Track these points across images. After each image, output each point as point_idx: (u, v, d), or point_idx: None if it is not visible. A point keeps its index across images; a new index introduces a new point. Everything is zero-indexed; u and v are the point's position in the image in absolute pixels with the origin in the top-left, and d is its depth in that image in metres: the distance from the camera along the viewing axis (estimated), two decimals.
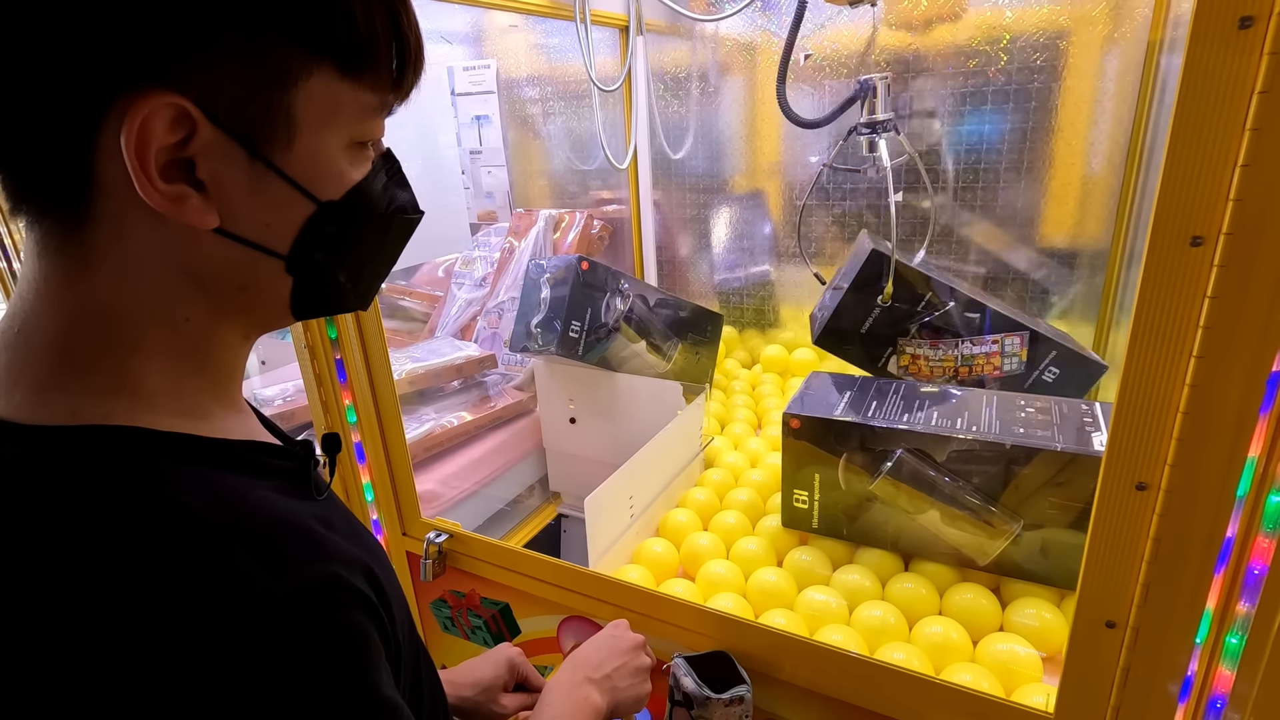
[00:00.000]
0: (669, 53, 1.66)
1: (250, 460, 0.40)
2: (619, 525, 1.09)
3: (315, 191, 0.39)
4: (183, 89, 0.33)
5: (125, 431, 0.36)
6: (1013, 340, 1.12)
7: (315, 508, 0.42)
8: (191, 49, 0.33)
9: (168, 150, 0.34)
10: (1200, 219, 0.47)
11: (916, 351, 1.17)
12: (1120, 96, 1.25)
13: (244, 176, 0.36)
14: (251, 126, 0.36)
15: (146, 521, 0.33)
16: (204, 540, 0.33)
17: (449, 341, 1.62)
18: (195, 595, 0.32)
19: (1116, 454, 0.55)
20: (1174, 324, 0.50)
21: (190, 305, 0.39)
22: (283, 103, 0.36)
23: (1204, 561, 0.54)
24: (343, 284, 0.44)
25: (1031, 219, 1.39)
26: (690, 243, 1.83)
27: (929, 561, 1.00)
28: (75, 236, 0.36)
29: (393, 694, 0.38)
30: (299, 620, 0.34)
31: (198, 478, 0.36)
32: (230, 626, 0.32)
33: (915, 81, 1.40)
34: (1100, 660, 0.61)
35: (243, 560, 0.34)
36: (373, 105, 0.40)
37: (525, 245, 1.73)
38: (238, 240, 0.38)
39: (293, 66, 0.36)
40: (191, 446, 0.38)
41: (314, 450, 0.46)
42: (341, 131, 0.39)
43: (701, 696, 0.76)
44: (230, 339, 0.42)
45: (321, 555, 0.37)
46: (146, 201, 0.34)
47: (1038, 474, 0.89)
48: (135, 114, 0.32)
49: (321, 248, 0.41)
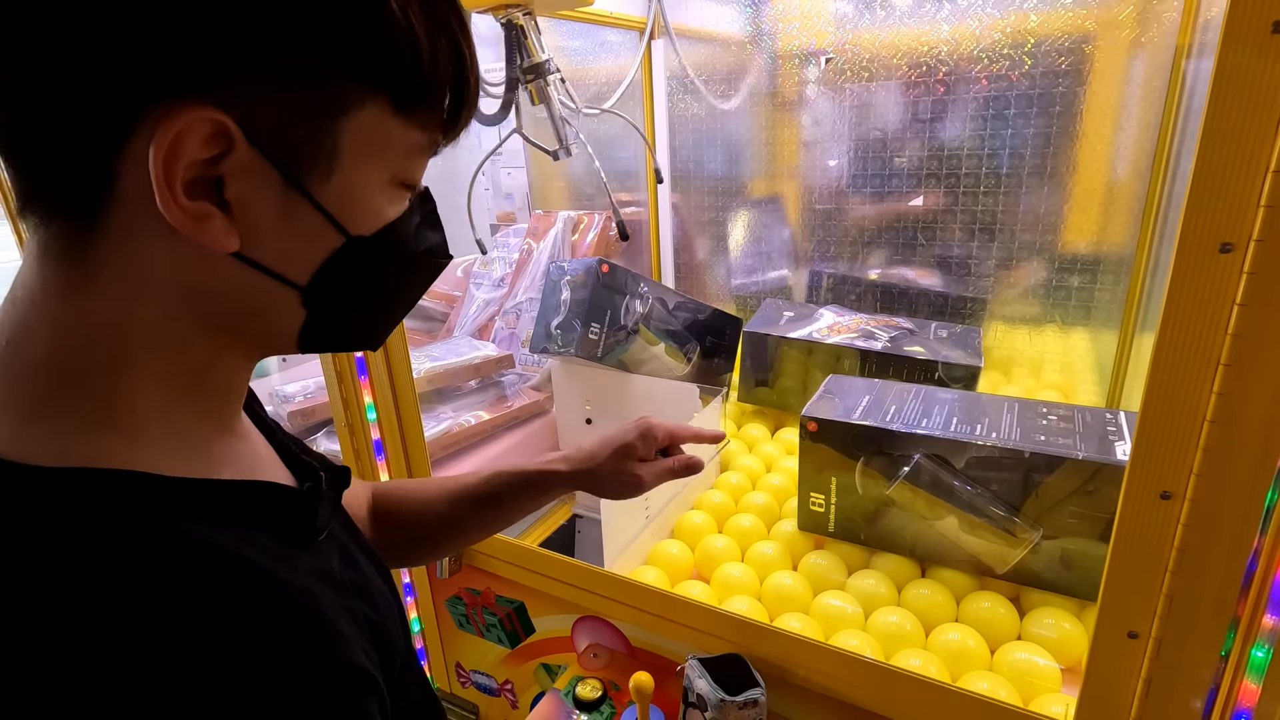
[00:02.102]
0: (688, 56, 1.67)
1: (249, 505, 0.37)
2: (635, 526, 1.09)
3: (347, 226, 0.37)
4: (226, 105, 0.31)
5: (117, 477, 0.32)
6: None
7: (315, 558, 0.40)
8: (244, 66, 0.31)
9: (198, 166, 0.32)
10: (1230, 225, 0.46)
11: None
12: (1146, 101, 1.24)
13: (274, 202, 0.34)
14: (292, 152, 0.34)
15: (144, 590, 0.30)
16: (204, 610, 0.31)
17: (467, 341, 1.63)
18: (194, 663, 0.29)
19: (1141, 462, 0.54)
20: (1202, 331, 0.49)
21: (192, 328, 0.36)
22: (330, 131, 0.34)
23: (1229, 572, 0.53)
24: (356, 323, 0.42)
25: (1054, 225, 1.37)
26: (707, 246, 1.83)
27: (946, 568, 1.00)
28: (81, 244, 0.33)
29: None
30: (299, 700, 0.32)
31: (194, 534, 0.33)
32: (231, 702, 0.30)
33: (939, 85, 1.39)
34: (1122, 671, 0.60)
35: (244, 634, 0.31)
36: (421, 144, 0.39)
37: (544, 246, 1.74)
38: (255, 267, 0.35)
39: (347, 97, 0.34)
40: (187, 494, 0.34)
41: (320, 491, 0.44)
42: (385, 168, 0.38)
43: (715, 699, 0.76)
44: (231, 363, 0.40)
45: (322, 635, 0.34)
46: (165, 217, 0.32)
47: (1059, 483, 0.88)
48: (171, 124, 0.30)
49: (343, 283, 0.39)
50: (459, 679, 1.25)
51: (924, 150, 1.45)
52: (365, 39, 0.33)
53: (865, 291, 1.63)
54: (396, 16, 0.34)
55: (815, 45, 1.49)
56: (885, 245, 1.57)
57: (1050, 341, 1.46)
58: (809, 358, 1.41)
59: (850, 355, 1.36)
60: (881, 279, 1.60)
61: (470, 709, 1.27)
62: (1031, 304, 1.44)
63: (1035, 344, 1.47)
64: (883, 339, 1.37)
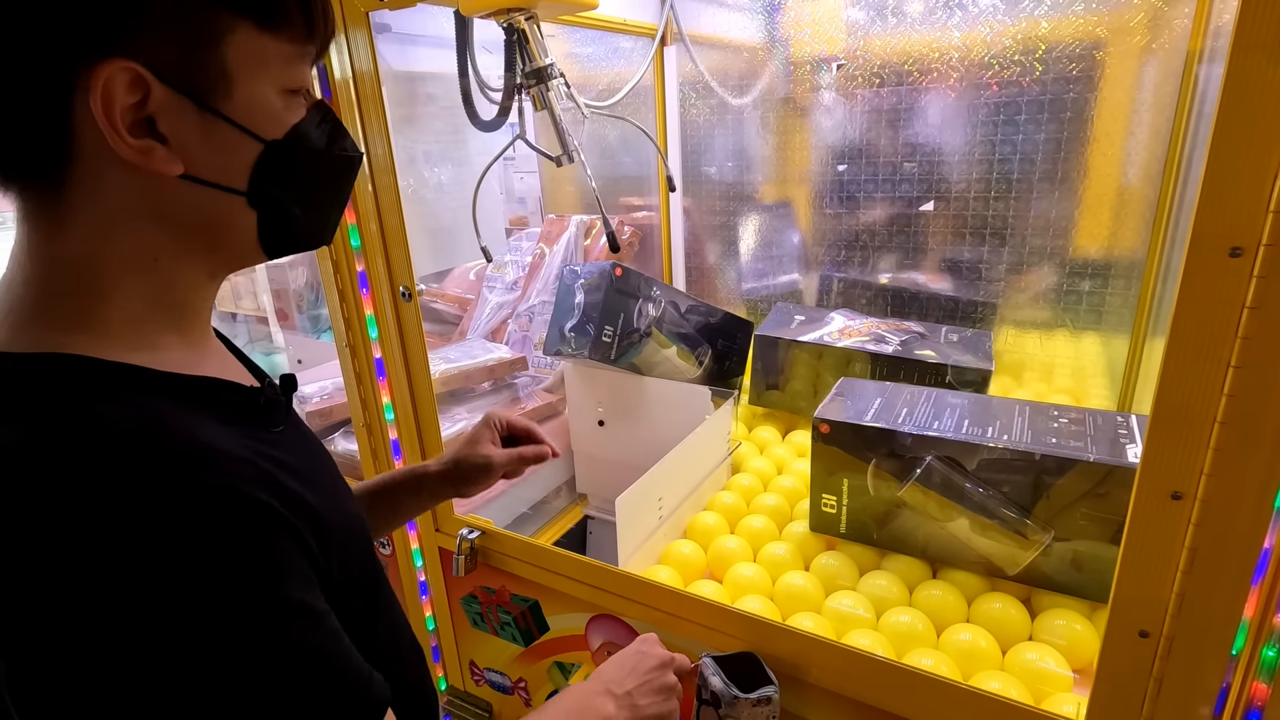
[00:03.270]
0: (700, 62, 1.68)
1: (191, 392, 0.45)
2: (648, 526, 1.10)
3: (260, 132, 0.45)
4: (133, 55, 0.39)
5: (73, 360, 0.41)
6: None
7: (256, 441, 0.46)
8: (131, 18, 0.40)
9: (130, 111, 0.40)
10: (1240, 230, 0.47)
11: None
12: (1158, 107, 1.24)
13: (196, 126, 0.43)
14: (194, 81, 0.42)
15: (70, 431, 0.38)
16: (118, 450, 0.38)
17: (480, 343, 1.65)
18: (101, 498, 0.37)
19: (1152, 462, 0.55)
20: (1213, 334, 0.50)
21: (159, 247, 0.45)
22: (215, 58, 0.42)
23: (1240, 572, 0.54)
24: (299, 216, 0.50)
25: (1065, 230, 1.38)
26: (718, 250, 1.84)
27: (957, 570, 1.00)
28: (52, 202, 0.42)
29: (302, 598, 0.42)
30: (198, 522, 0.38)
31: (130, 400, 0.41)
32: (130, 529, 0.37)
33: (950, 91, 1.40)
34: (1133, 670, 0.61)
35: (149, 469, 0.38)
36: (294, 54, 0.47)
37: (557, 250, 1.76)
38: (202, 183, 0.44)
39: (218, 26, 0.42)
40: (132, 375, 0.43)
41: (270, 388, 0.52)
42: (272, 79, 0.46)
43: (729, 696, 0.77)
44: (195, 278, 0.48)
45: (225, 471, 0.41)
46: (120, 155, 0.40)
47: (1071, 485, 0.88)
48: (97, 80, 0.39)
49: (275, 182, 0.47)
50: (473, 677, 1.27)
51: (935, 155, 1.46)
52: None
53: (876, 295, 1.64)
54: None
55: (827, 51, 1.50)
56: (896, 249, 1.58)
57: (1061, 346, 1.46)
58: (820, 361, 1.42)
59: (861, 359, 1.37)
60: (892, 283, 1.61)
61: (484, 707, 1.28)
62: (1042, 308, 1.45)
63: (1046, 348, 1.48)
64: (893, 343, 1.37)
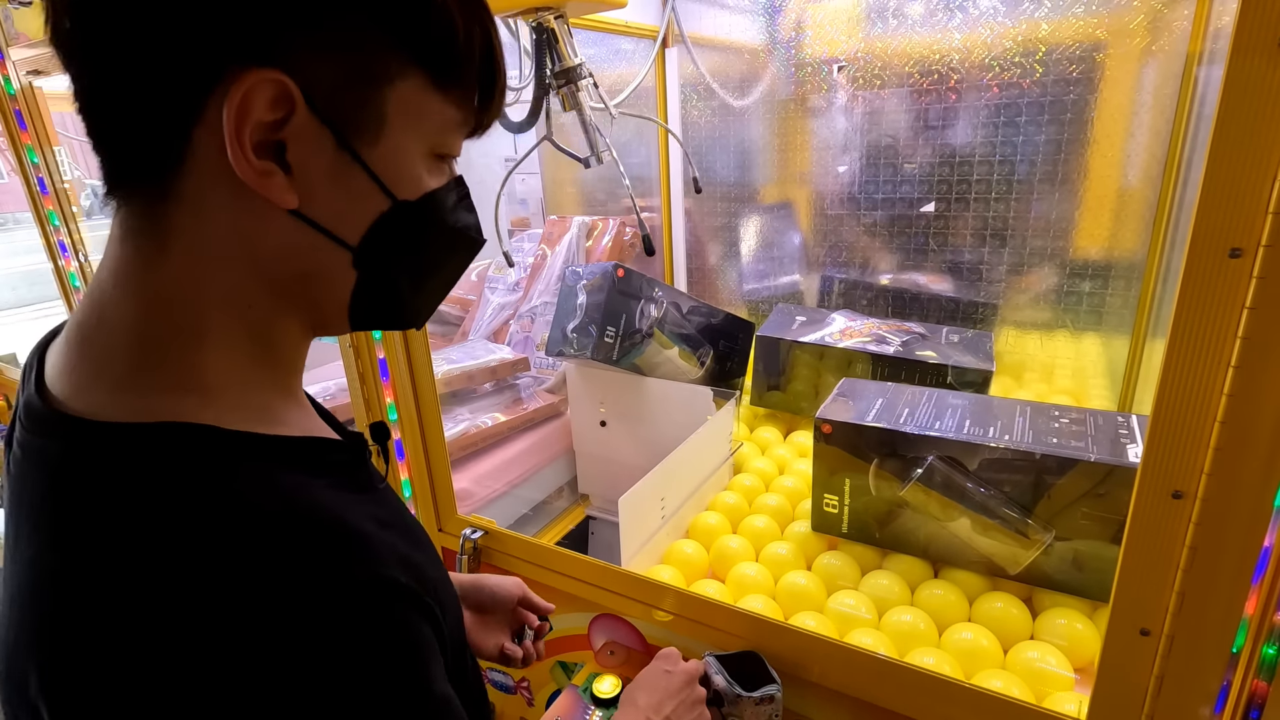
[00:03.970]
0: (701, 63, 1.69)
1: (309, 456, 0.42)
2: (651, 525, 1.10)
3: (393, 189, 0.41)
4: (289, 70, 0.35)
5: (194, 429, 0.37)
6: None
7: (371, 505, 0.43)
8: (301, 32, 0.36)
9: (264, 128, 0.36)
10: (1240, 231, 0.48)
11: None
12: (1158, 109, 1.25)
13: (328, 163, 0.38)
14: (344, 117, 0.38)
15: (214, 514, 0.35)
16: (268, 534, 0.35)
17: (483, 344, 1.65)
18: (258, 586, 0.34)
19: (1153, 461, 0.55)
20: (1212, 334, 0.50)
21: (254, 292, 0.40)
22: (375, 99, 0.38)
23: (1240, 570, 0.54)
24: (404, 291, 0.45)
25: (1066, 231, 1.38)
26: (719, 251, 1.84)
27: (959, 569, 1.01)
28: (157, 216, 0.38)
29: (444, 689, 0.40)
30: (355, 616, 0.36)
31: (261, 474, 0.38)
32: (290, 618, 0.34)
33: (951, 93, 1.40)
34: (1134, 668, 0.61)
35: (304, 555, 0.35)
36: (456, 121, 0.43)
37: (559, 251, 1.76)
38: (311, 225, 0.39)
39: (390, 66, 0.38)
40: (255, 444, 0.39)
41: (367, 444, 0.48)
42: (424, 139, 0.41)
43: (732, 694, 0.77)
44: (290, 331, 0.43)
45: (377, 557, 0.38)
46: (235, 172, 0.36)
47: (1071, 485, 0.89)
48: (242, 84, 0.35)
49: (391, 246, 0.42)
50: None
51: (935, 156, 1.46)
52: (406, 12, 0.38)
53: (877, 296, 1.64)
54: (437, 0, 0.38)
55: (828, 53, 1.51)
56: (897, 250, 1.58)
57: (1062, 346, 1.46)
58: (821, 362, 1.43)
59: (862, 359, 1.37)
60: (893, 284, 1.61)
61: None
62: (1043, 309, 1.45)
63: (1047, 349, 1.48)
64: (894, 344, 1.38)
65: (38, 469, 0.38)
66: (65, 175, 1.64)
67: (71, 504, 0.35)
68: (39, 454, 0.38)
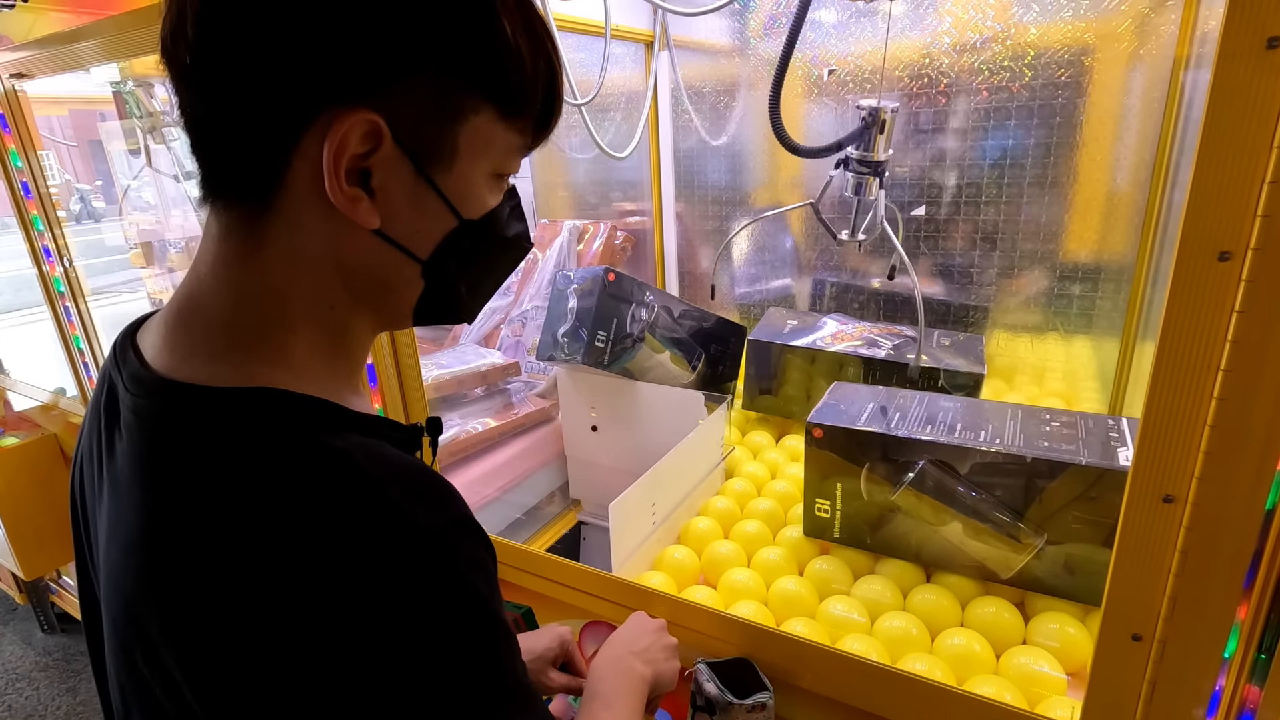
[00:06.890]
0: (693, 67, 1.69)
1: (380, 431, 0.46)
2: (642, 531, 1.10)
3: (461, 210, 0.46)
4: (379, 109, 0.40)
5: (286, 394, 0.42)
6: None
7: None
8: (394, 79, 0.40)
9: (355, 159, 0.41)
10: (1228, 234, 0.48)
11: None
12: (1146, 112, 1.25)
13: (408, 189, 0.43)
14: (424, 148, 0.42)
15: (314, 464, 0.39)
16: (362, 479, 0.39)
17: (473, 349, 1.64)
18: (358, 526, 0.37)
19: (1144, 466, 0.55)
20: (1202, 338, 0.50)
21: (336, 295, 0.45)
22: (452, 134, 0.43)
23: (1232, 575, 0.54)
24: (462, 294, 0.50)
25: (1055, 234, 1.39)
26: (711, 255, 1.84)
27: (951, 574, 1.00)
28: (256, 225, 0.42)
29: (506, 619, 0.44)
30: (449, 551, 0.40)
31: (348, 435, 0.42)
32: (389, 554, 0.37)
33: (940, 97, 1.41)
34: (1126, 674, 0.61)
35: (397, 496, 0.39)
36: (518, 145, 0.47)
37: (550, 255, 1.75)
38: (390, 242, 0.44)
39: (465, 105, 0.43)
40: (340, 412, 0.44)
41: (422, 433, 0.53)
42: (489, 163, 0.46)
43: (724, 701, 0.76)
44: (361, 331, 0.49)
45: (458, 499, 0.43)
46: (330, 199, 0.41)
47: (1063, 488, 0.89)
48: (340, 124, 0.39)
49: (455, 259, 0.47)
50: None
51: (925, 160, 1.46)
52: (484, 59, 0.42)
53: (868, 300, 1.64)
54: (509, 42, 0.42)
55: (818, 57, 1.51)
56: (888, 254, 1.58)
57: (1052, 349, 1.47)
58: (812, 366, 1.42)
59: (853, 363, 1.37)
60: (884, 288, 1.61)
61: None
62: (1033, 312, 1.45)
63: (1037, 352, 1.48)
64: (886, 347, 1.38)
65: (147, 429, 0.42)
66: (53, 180, 1.63)
67: (180, 458, 0.40)
68: (148, 416, 0.42)
